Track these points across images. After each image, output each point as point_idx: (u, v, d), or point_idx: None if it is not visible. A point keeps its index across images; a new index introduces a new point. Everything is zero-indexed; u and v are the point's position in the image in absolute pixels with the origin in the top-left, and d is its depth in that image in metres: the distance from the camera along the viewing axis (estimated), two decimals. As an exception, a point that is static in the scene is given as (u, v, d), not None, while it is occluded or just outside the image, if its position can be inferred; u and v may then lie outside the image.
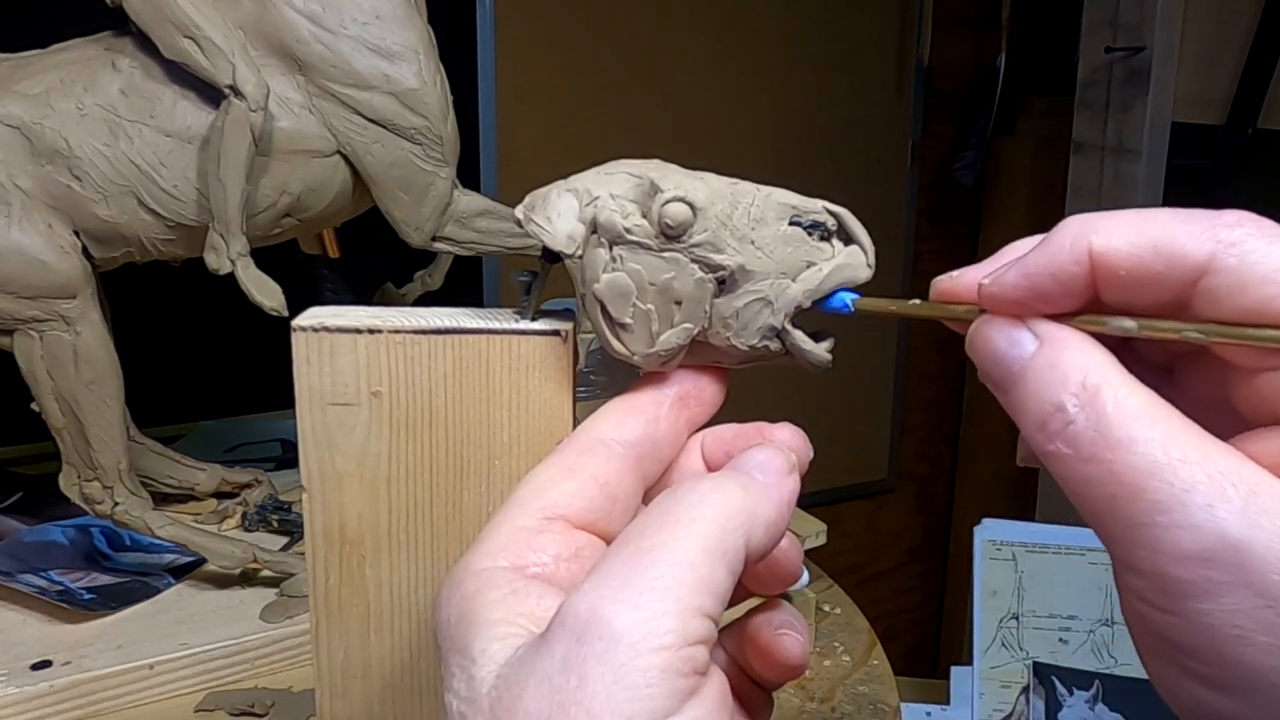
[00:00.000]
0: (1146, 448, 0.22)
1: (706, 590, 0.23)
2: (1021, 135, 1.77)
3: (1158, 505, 0.21)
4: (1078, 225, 0.24)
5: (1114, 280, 0.24)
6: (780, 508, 0.26)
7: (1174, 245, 0.23)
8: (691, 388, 0.31)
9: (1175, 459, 0.22)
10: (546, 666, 0.22)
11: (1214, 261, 0.23)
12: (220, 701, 0.56)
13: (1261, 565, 0.21)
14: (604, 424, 0.29)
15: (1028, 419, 0.24)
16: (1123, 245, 0.23)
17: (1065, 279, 0.24)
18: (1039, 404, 0.24)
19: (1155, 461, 0.22)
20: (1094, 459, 0.23)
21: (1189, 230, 0.23)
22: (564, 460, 0.28)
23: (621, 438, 0.29)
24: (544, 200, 0.31)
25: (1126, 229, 0.24)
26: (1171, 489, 0.21)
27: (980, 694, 1.18)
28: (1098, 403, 0.23)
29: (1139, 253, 0.23)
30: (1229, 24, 1.52)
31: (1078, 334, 0.24)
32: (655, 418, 0.30)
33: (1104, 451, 0.22)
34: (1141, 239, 0.23)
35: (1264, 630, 0.21)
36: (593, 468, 0.28)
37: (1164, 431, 0.22)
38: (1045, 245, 0.24)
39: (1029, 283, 0.24)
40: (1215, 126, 1.56)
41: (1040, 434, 0.24)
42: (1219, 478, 0.21)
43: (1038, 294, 0.25)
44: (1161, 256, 0.23)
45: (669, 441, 0.30)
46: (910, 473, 1.91)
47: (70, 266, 0.56)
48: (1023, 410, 0.24)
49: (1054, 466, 0.24)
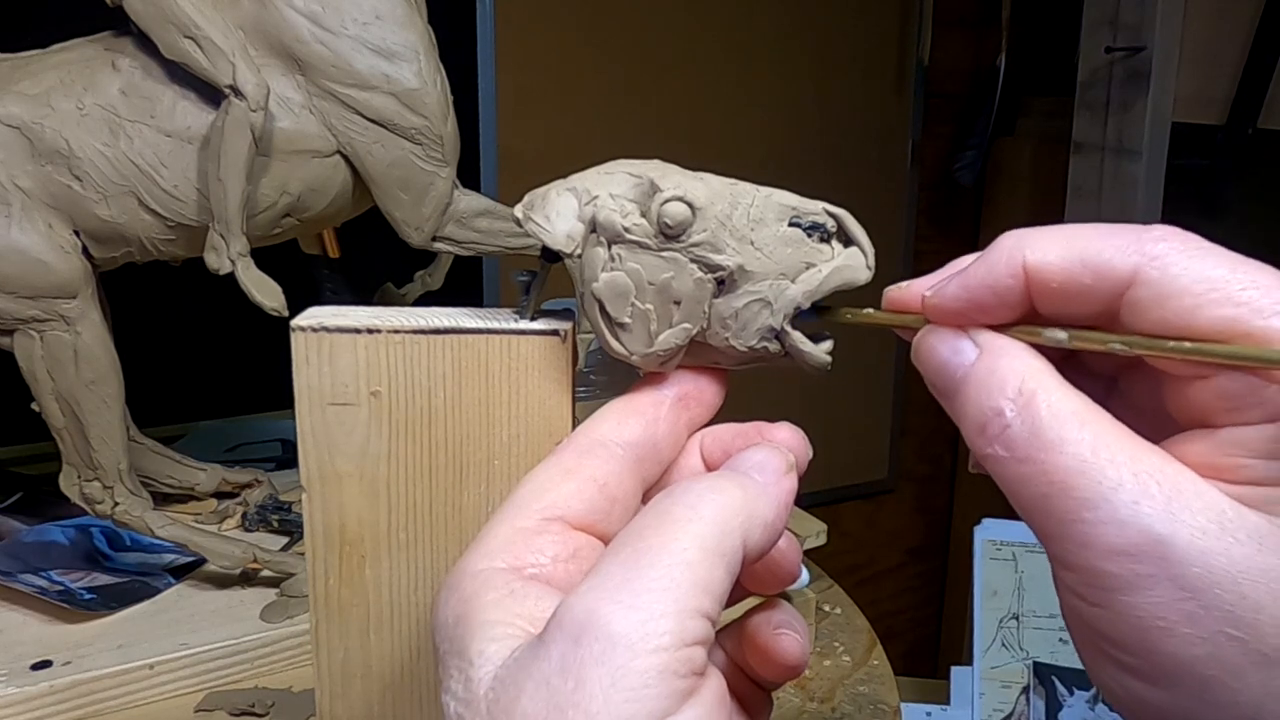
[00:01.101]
0: (1076, 448, 0.23)
1: (704, 591, 0.23)
2: (1021, 135, 1.77)
3: (1086, 502, 0.22)
4: (1013, 240, 0.25)
5: (1047, 292, 0.25)
6: (778, 507, 0.26)
7: (1100, 259, 0.24)
8: (691, 389, 0.31)
9: (1103, 458, 0.23)
10: (544, 668, 0.22)
11: (1138, 274, 0.24)
12: (220, 701, 0.56)
13: (1183, 559, 0.21)
14: (603, 425, 0.29)
15: (969, 424, 0.25)
16: (1054, 259, 0.24)
17: (1002, 291, 0.25)
18: (979, 409, 0.25)
19: (1084, 460, 0.23)
20: (1028, 459, 0.23)
21: (1115, 244, 0.24)
22: (563, 461, 0.28)
23: (621, 439, 0.29)
24: (543, 200, 0.31)
25: (1057, 244, 0.25)
26: (1099, 486, 0.22)
27: (980, 694, 1.18)
28: (1033, 406, 0.24)
29: (1069, 266, 0.24)
30: (1229, 24, 1.52)
31: (1015, 342, 0.26)
32: (655, 419, 0.30)
33: (1037, 452, 0.23)
34: (1071, 253, 0.24)
35: (1186, 622, 0.22)
36: (592, 469, 0.28)
37: (1093, 433, 0.23)
38: (983, 259, 0.26)
39: (968, 294, 0.26)
40: (1215, 126, 1.56)
41: (980, 438, 0.25)
42: (1144, 476, 0.22)
43: (976, 305, 0.26)
44: (1089, 270, 0.24)
45: (669, 442, 0.30)
46: (910, 473, 1.91)
47: (70, 266, 0.56)
48: (964, 415, 0.25)
49: (993, 468, 0.25)
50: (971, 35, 1.77)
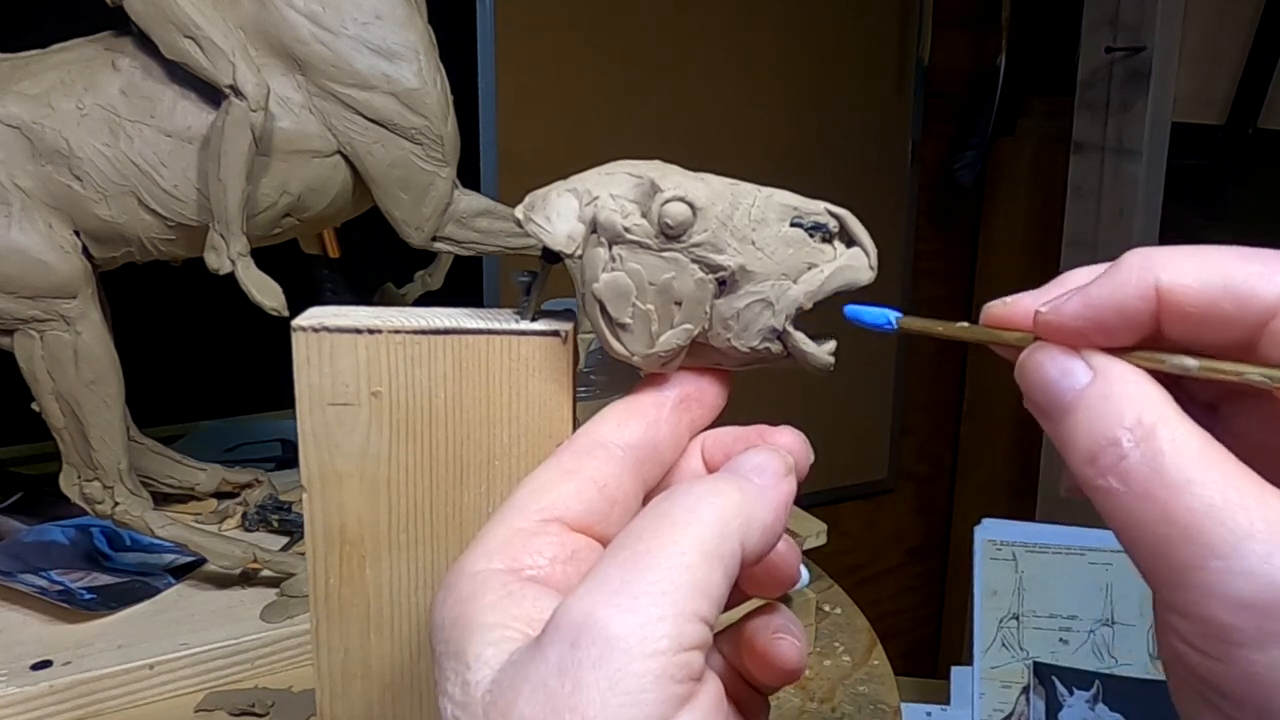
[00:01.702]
0: (1204, 489, 0.21)
1: (702, 594, 0.23)
2: (1021, 135, 1.77)
3: (1213, 550, 0.21)
4: (1142, 259, 0.24)
5: (1181, 318, 0.23)
6: (776, 510, 0.26)
7: (1245, 286, 0.23)
8: (693, 390, 0.31)
9: (1234, 503, 0.21)
10: (541, 671, 0.22)
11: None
12: (220, 701, 0.56)
13: None
14: (604, 426, 0.29)
15: (1077, 451, 0.24)
16: (1193, 283, 0.23)
17: (1130, 313, 0.24)
18: (1090, 436, 0.23)
19: (1213, 505, 0.21)
20: (1148, 497, 0.22)
21: (1258, 270, 0.23)
22: (563, 462, 0.28)
23: (621, 440, 0.29)
24: (544, 200, 0.31)
25: (1194, 266, 0.23)
26: (1229, 534, 0.21)
27: (980, 694, 1.18)
28: (1154, 440, 0.22)
29: (1210, 292, 0.23)
30: (1229, 24, 1.52)
31: (1133, 368, 0.24)
32: (656, 420, 0.30)
33: (1159, 490, 0.22)
34: (1212, 277, 0.23)
35: None
36: (591, 470, 0.28)
37: (1221, 474, 0.22)
38: (1110, 277, 0.24)
39: (1091, 313, 0.24)
40: (1215, 126, 1.56)
41: (1090, 467, 0.23)
42: (1277, 525, 0.21)
43: (1098, 325, 0.24)
44: (1231, 296, 0.23)
45: (670, 444, 0.30)
46: (910, 473, 1.91)
47: (70, 266, 0.56)
48: (1072, 441, 0.24)
49: (1102, 501, 0.23)
50: (971, 35, 1.77)
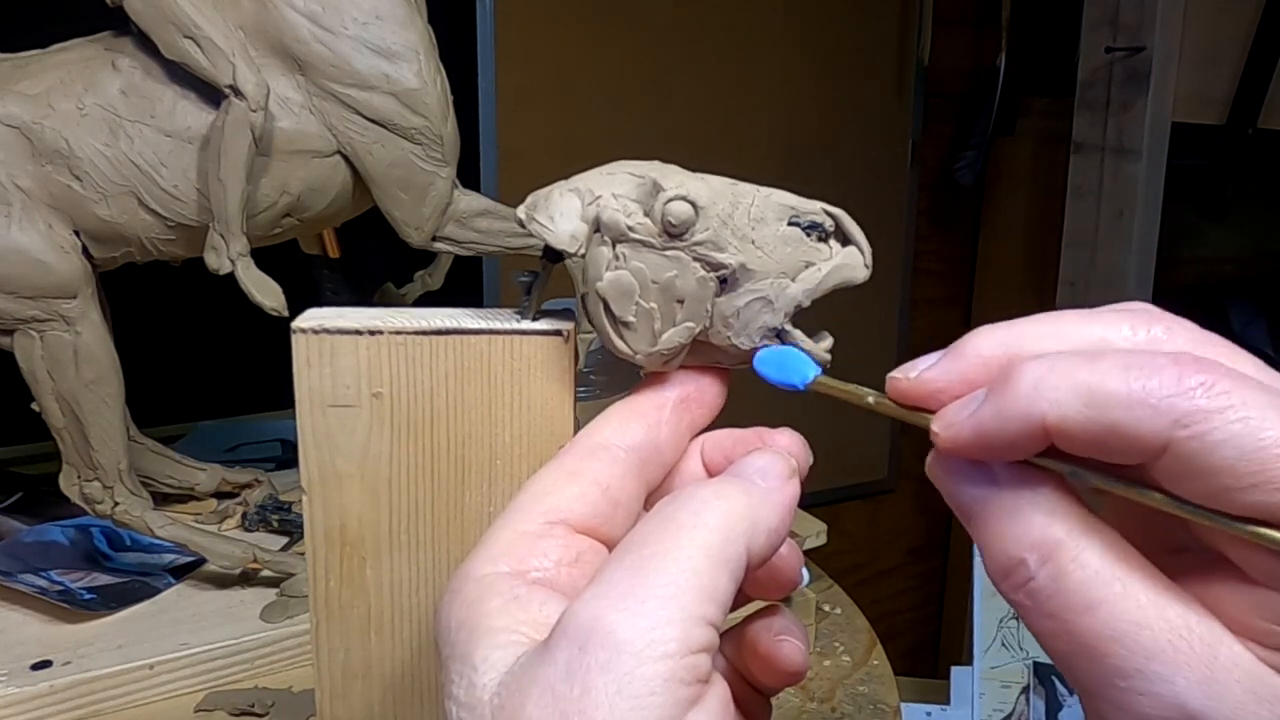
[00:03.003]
0: (1107, 610, 0.22)
1: (709, 598, 0.23)
2: (1021, 135, 1.77)
3: (1118, 670, 0.22)
4: (1030, 387, 0.23)
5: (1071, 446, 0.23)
6: (782, 513, 0.26)
7: (1132, 426, 0.21)
8: (693, 391, 0.31)
9: (1138, 624, 0.22)
10: (549, 675, 0.22)
11: (1171, 447, 0.21)
12: (220, 701, 0.56)
13: None
14: (606, 429, 0.29)
15: (990, 565, 0.24)
16: (1079, 420, 0.22)
17: (1018, 444, 0.23)
18: (1000, 554, 0.24)
19: (1115, 629, 0.22)
20: (1054, 617, 0.23)
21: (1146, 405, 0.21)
22: (566, 465, 0.28)
23: (623, 442, 0.29)
24: (546, 200, 0.31)
25: (1081, 400, 0.22)
26: (1132, 655, 0.21)
27: (980, 694, 1.18)
28: (1057, 559, 0.23)
29: (1095, 431, 0.22)
30: (1229, 24, 1.52)
31: (1035, 480, 0.24)
32: (657, 422, 0.30)
33: (1064, 612, 0.22)
34: (1097, 415, 0.22)
35: None
36: (595, 472, 0.28)
37: (1124, 591, 0.22)
38: (998, 404, 0.23)
39: (983, 442, 0.24)
40: (1215, 126, 1.56)
41: (1004, 582, 0.24)
42: (1180, 641, 0.21)
43: (991, 450, 0.24)
44: (1118, 437, 0.22)
45: (671, 445, 0.30)
46: (910, 473, 1.91)
47: (70, 266, 0.56)
48: (985, 552, 0.24)
49: (1019, 611, 0.24)
50: (971, 35, 1.77)
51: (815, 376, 0.29)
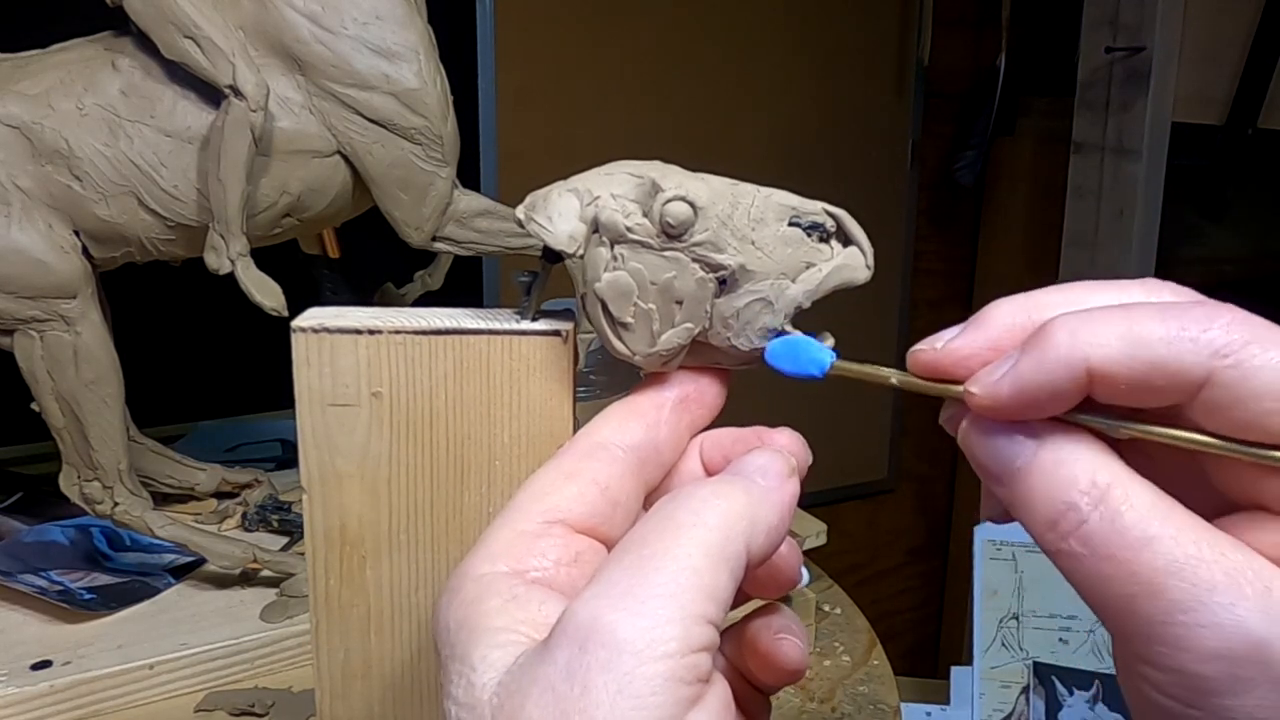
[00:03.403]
0: (1165, 546, 0.22)
1: (709, 597, 0.23)
2: (1021, 135, 1.77)
3: (1178, 604, 0.22)
4: (1069, 335, 0.23)
5: (1111, 392, 0.24)
6: (781, 512, 0.26)
7: (1175, 360, 0.23)
8: (692, 391, 0.31)
9: (1194, 557, 0.22)
10: (549, 674, 0.22)
11: (1213, 376, 0.22)
12: (220, 701, 0.56)
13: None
14: (605, 428, 0.29)
15: (1035, 516, 0.24)
16: (1122, 359, 0.23)
17: (1061, 392, 0.24)
18: (1048, 502, 0.24)
19: (1174, 560, 0.22)
20: (1111, 558, 0.22)
21: (1185, 340, 0.23)
22: (564, 465, 0.28)
23: (622, 442, 0.29)
24: (545, 200, 0.31)
25: (1119, 339, 0.23)
26: (1193, 588, 0.22)
27: (980, 694, 1.18)
28: (1110, 500, 0.23)
29: (1139, 368, 0.23)
30: (1229, 24, 1.52)
31: (1077, 430, 0.24)
32: (656, 422, 0.30)
33: (1121, 550, 0.22)
34: (1140, 352, 0.23)
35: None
36: (594, 472, 0.28)
37: (1177, 528, 0.22)
38: (1037, 356, 0.24)
39: (1024, 397, 0.24)
40: (1215, 126, 1.56)
41: (1051, 532, 0.24)
42: (1235, 574, 0.22)
43: (1032, 405, 0.24)
44: (1161, 371, 0.23)
45: (670, 445, 0.30)
46: (910, 473, 1.91)
47: (70, 266, 0.56)
48: (1028, 508, 0.24)
49: (1065, 564, 0.24)
50: (971, 35, 1.77)
51: (833, 361, 0.29)
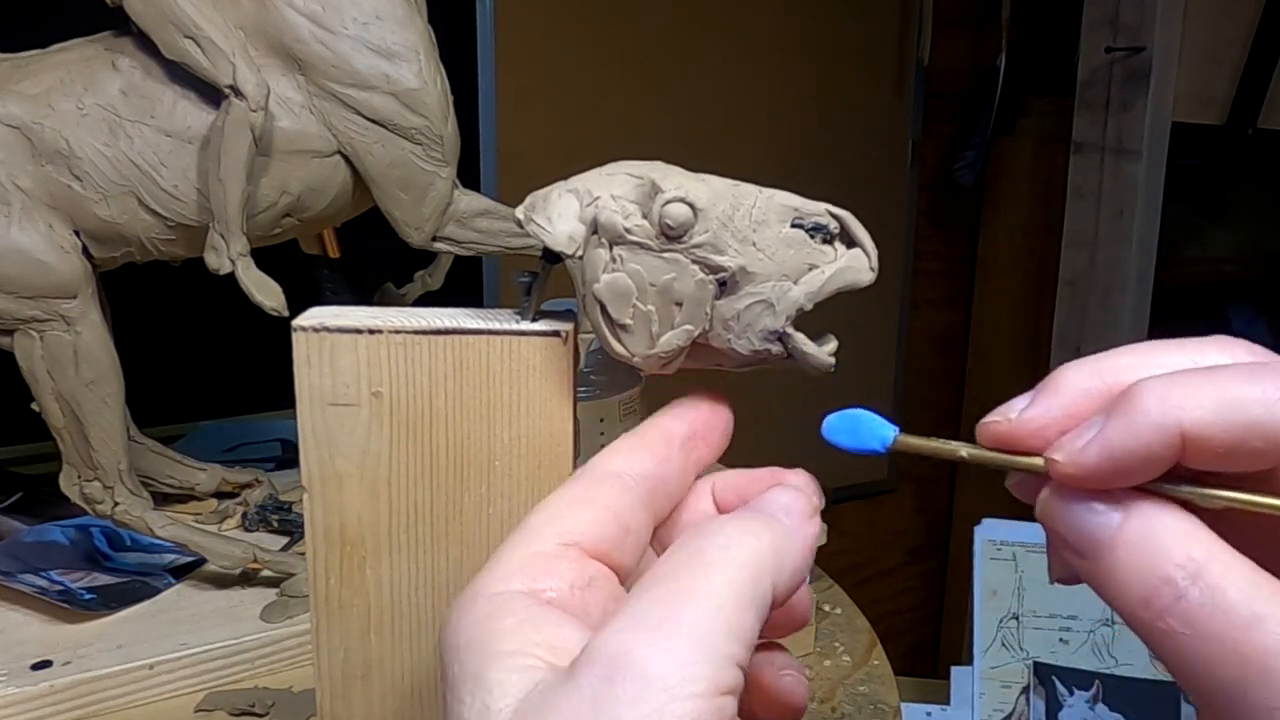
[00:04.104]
0: (1274, 624, 0.21)
1: (737, 638, 0.23)
2: (1021, 135, 1.77)
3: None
4: (1159, 399, 0.22)
5: (1205, 457, 0.23)
6: (805, 552, 0.26)
7: (1272, 421, 0.22)
8: (701, 429, 0.30)
9: None
10: (574, 704, 0.21)
11: None
12: (220, 701, 0.56)
13: None
14: (616, 458, 0.29)
15: (1124, 592, 0.23)
16: (1218, 422, 0.22)
17: (1154, 458, 0.23)
18: (1139, 577, 0.22)
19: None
20: (1215, 637, 0.21)
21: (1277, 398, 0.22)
22: (578, 490, 0.28)
23: (633, 471, 0.29)
24: (544, 201, 0.31)
25: (1215, 402, 0.22)
26: None
27: (980, 694, 1.18)
28: (1209, 575, 0.22)
29: (1236, 431, 0.22)
30: (1229, 24, 1.52)
31: (1165, 501, 0.23)
32: (666, 456, 0.29)
33: (1228, 630, 0.21)
34: (1235, 415, 0.22)
35: None
36: (607, 498, 0.27)
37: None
38: (1127, 420, 0.23)
39: (1113, 464, 0.23)
40: (1215, 126, 1.56)
41: (1144, 610, 0.22)
42: None
43: (1123, 472, 0.23)
44: (1259, 433, 0.22)
45: (678, 480, 0.30)
46: (910, 473, 1.91)
47: (70, 266, 0.56)
48: (1116, 582, 0.23)
49: (1161, 643, 0.22)
50: (971, 35, 1.77)
51: (896, 436, 0.28)
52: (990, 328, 1.86)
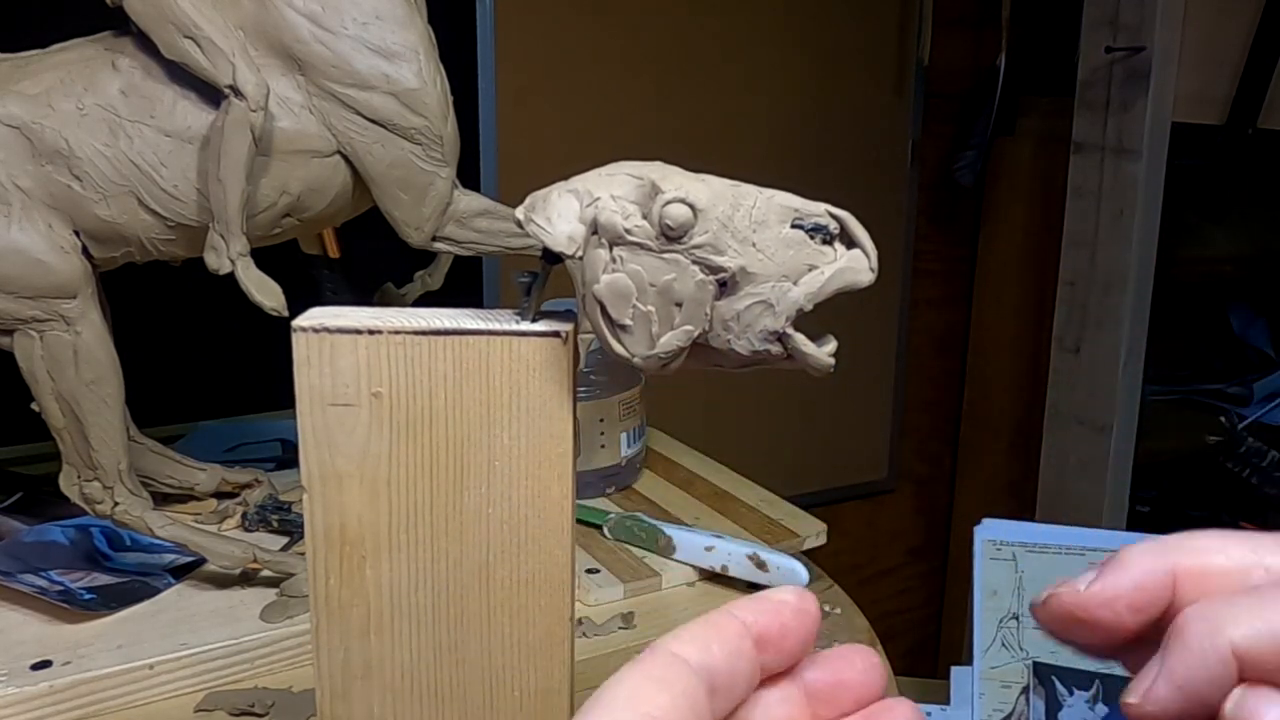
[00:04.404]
0: None
1: None
2: (1021, 135, 1.77)
3: None
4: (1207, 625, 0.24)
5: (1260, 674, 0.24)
6: None
7: None
8: (775, 634, 0.28)
9: None
10: None
11: None
12: (220, 701, 0.56)
13: None
14: (685, 646, 0.27)
15: None
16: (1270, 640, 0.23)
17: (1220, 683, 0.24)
18: None
19: None
20: None
21: None
22: (651, 672, 0.26)
23: (703, 662, 0.27)
24: (545, 201, 0.31)
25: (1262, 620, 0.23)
26: None
27: (980, 694, 1.18)
28: None
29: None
30: (1229, 24, 1.52)
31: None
32: (739, 651, 0.28)
33: None
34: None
35: None
36: (683, 684, 0.26)
37: None
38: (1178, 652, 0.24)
39: (1185, 693, 0.24)
40: (1215, 126, 1.56)
41: None
42: None
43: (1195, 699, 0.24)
44: None
45: (745, 681, 0.28)
46: (910, 473, 1.90)
47: (70, 266, 0.56)
48: None
49: None
50: (971, 35, 1.77)
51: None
52: (990, 328, 1.86)
